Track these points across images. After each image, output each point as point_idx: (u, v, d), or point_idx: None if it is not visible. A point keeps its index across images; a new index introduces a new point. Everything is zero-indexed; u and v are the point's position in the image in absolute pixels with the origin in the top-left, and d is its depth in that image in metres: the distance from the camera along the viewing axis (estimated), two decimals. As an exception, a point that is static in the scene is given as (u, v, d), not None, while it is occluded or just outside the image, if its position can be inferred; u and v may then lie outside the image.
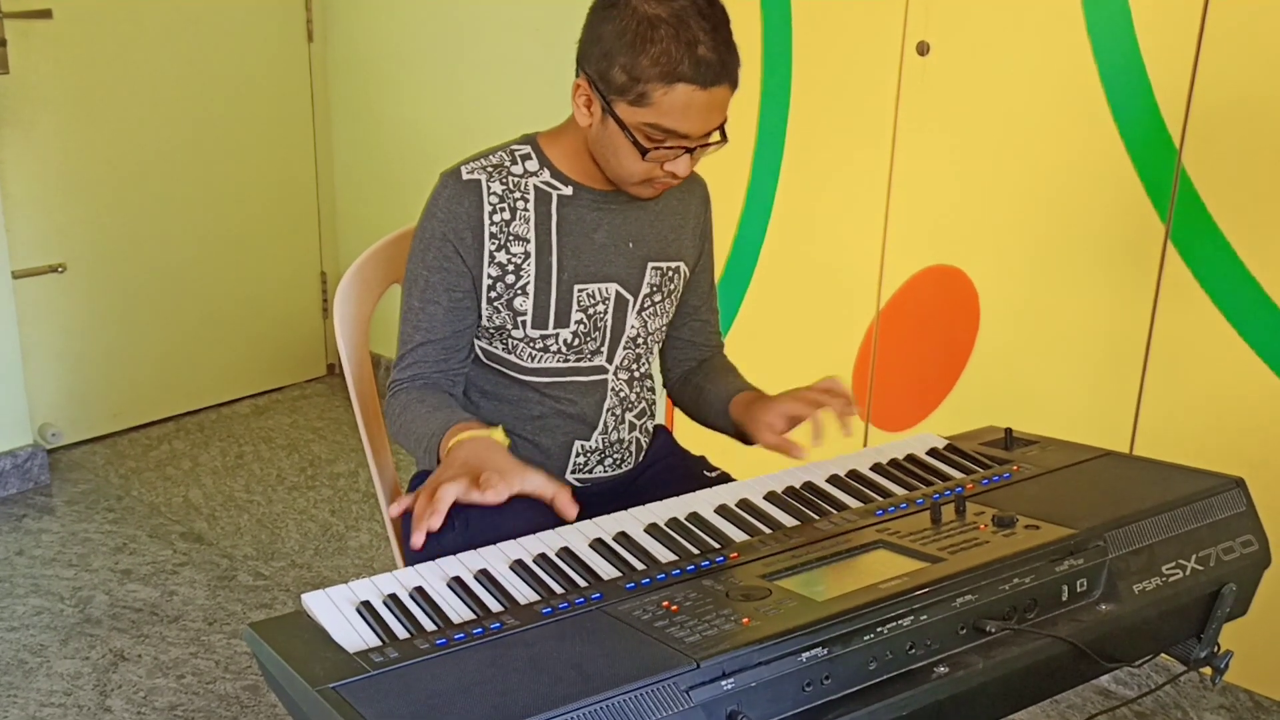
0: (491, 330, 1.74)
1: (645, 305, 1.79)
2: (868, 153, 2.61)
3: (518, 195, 1.70)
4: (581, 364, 1.76)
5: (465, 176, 1.69)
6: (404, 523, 1.85)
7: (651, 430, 1.91)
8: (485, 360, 1.77)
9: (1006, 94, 2.41)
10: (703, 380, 1.88)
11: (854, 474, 1.58)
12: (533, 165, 1.72)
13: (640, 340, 1.80)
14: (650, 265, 1.78)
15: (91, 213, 3.44)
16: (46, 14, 3.22)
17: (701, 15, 1.55)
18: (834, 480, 1.57)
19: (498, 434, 1.57)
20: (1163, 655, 1.50)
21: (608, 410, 1.79)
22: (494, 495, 1.43)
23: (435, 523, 1.40)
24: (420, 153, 3.65)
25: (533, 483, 1.47)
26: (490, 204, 1.68)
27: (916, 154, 2.55)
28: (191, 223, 3.66)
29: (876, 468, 1.60)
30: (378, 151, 3.82)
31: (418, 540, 1.42)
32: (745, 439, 1.79)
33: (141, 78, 3.47)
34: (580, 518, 1.47)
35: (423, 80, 3.62)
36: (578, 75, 1.63)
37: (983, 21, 2.40)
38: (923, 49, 2.48)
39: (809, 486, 1.55)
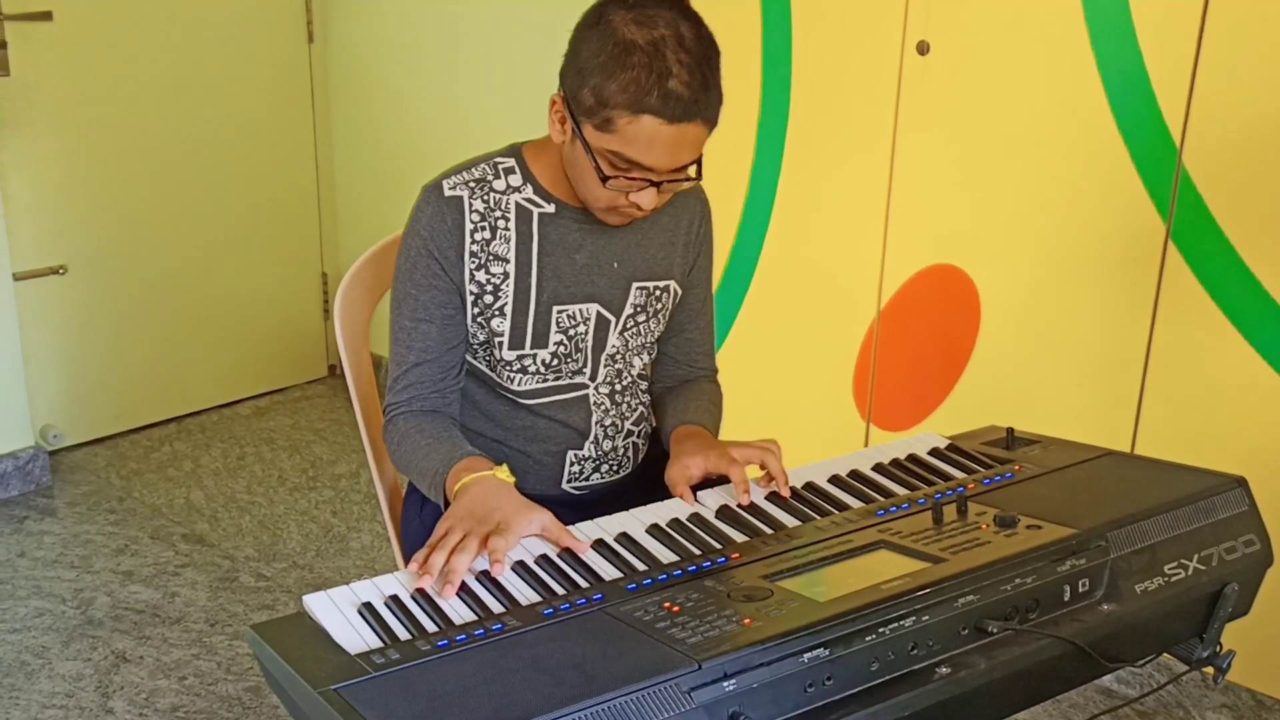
0: (476, 346, 1.71)
1: (628, 325, 1.74)
2: (868, 152, 2.61)
3: (499, 214, 1.65)
4: (561, 383, 1.72)
5: (447, 192, 1.65)
6: (403, 530, 1.85)
7: (650, 433, 1.88)
8: (473, 374, 1.75)
9: (1007, 93, 2.40)
10: (669, 402, 1.82)
11: (855, 474, 1.58)
12: (515, 180, 1.67)
13: (621, 357, 1.75)
14: (635, 285, 1.73)
15: (92, 214, 3.44)
16: (47, 16, 3.22)
17: (682, 48, 1.48)
18: (835, 480, 1.57)
19: (503, 473, 1.54)
20: (1165, 655, 1.50)
21: (597, 422, 1.75)
22: (502, 560, 1.36)
23: (450, 594, 1.32)
24: (420, 153, 3.65)
25: (538, 525, 1.43)
26: (472, 222, 1.64)
27: (917, 153, 2.55)
28: (192, 224, 3.66)
29: (878, 467, 1.60)
30: (378, 152, 3.82)
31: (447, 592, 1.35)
32: None
33: (142, 79, 3.46)
34: (581, 520, 1.47)
35: (423, 81, 3.62)
36: (557, 90, 1.59)
37: (983, 21, 2.40)
38: (923, 48, 2.48)
39: (810, 486, 1.55)
